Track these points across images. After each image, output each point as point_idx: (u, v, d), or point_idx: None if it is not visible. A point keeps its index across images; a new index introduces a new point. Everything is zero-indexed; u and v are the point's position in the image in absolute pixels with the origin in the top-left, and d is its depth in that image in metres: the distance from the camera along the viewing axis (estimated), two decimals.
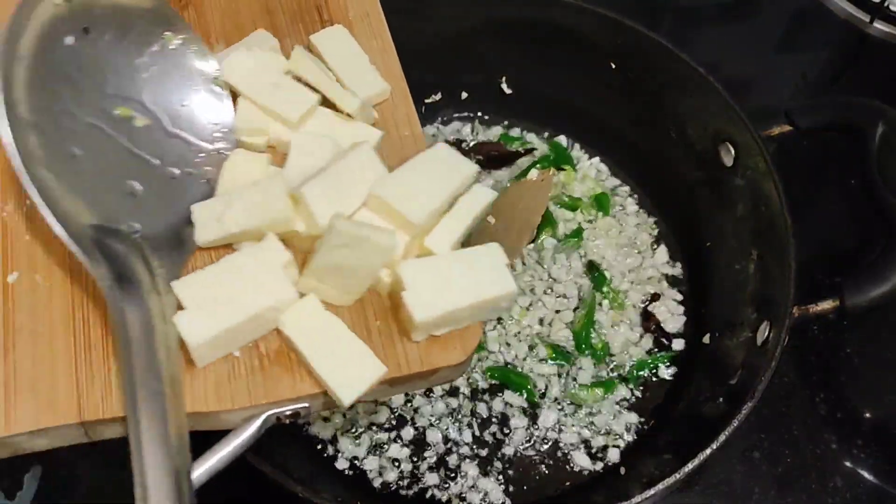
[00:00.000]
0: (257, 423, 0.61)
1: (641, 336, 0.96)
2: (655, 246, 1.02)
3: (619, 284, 0.98)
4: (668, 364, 0.94)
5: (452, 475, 0.87)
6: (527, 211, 0.99)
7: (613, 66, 1.01)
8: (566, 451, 0.89)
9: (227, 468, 0.74)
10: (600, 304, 0.96)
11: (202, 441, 0.60)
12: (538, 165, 1.06)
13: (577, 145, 1.10)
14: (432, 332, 0.63)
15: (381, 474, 0.87)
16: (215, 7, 0.81)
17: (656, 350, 0.95)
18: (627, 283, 0.99)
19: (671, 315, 0.97)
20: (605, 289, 0.97)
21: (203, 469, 0.59)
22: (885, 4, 1.22)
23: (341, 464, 0.87)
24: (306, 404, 0.62)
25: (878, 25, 1.24)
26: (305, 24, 0.81)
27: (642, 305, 0.97)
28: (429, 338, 0.64)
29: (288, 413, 0.62)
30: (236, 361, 0.63)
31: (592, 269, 0.98)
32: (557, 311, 0.96)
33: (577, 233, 1.01)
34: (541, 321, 0.95)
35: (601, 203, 1.03)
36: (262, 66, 0.72)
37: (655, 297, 0.98)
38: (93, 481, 0.88)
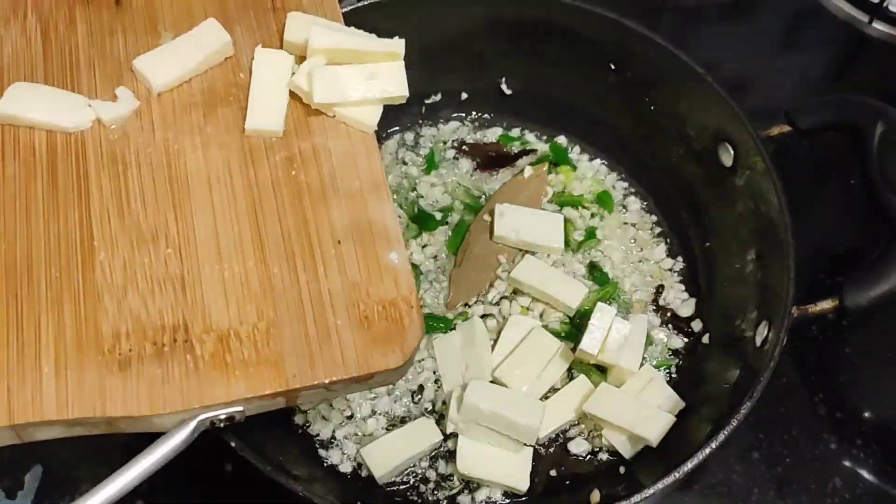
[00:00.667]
0: (190, 426, 0.61)
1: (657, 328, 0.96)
2: (655, 245, 1.02)
3: (623, 283, 0.98)
4: (671, 365, 0.94)
5: (450, 474, 0.87)
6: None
7: (613, 67, 1.01)
8: (566, 449, 0.89)
9: (226, 468, 0.74)
10: (607, 303, 0.95)
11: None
12: (532, 164, 1.06)
13: (576, 146, 1.10)
14: None
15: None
16: None
17: (673, 341, 0.95)
18: (630, 281, 0.99)
19: (681, 301, 0.98)
20: (608, 287, 0.97)
21: (135, 472, 0.59)
22: (884, 5, 1.22)
23: (343, 465, 0.87)
24: (241, 408, 0.62)
25: (877, 26, 1.24)
26: (256, 11, 0.81)
27: (651, 302, 0.98)
28: (367, 340, 0.64)
29: (222, 417, 0.62)
30: (170, 364, 0.62)
31: (594, 270, 0.98)
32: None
33: (591, 233, 1.01)
34: (541, 315, 0.95)
35: (603, 201, 1.03)
36: None
37: (660, 290, 0.98)
38: (93, 481, 0.88)
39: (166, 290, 0.66)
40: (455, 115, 1.11)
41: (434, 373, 0.91)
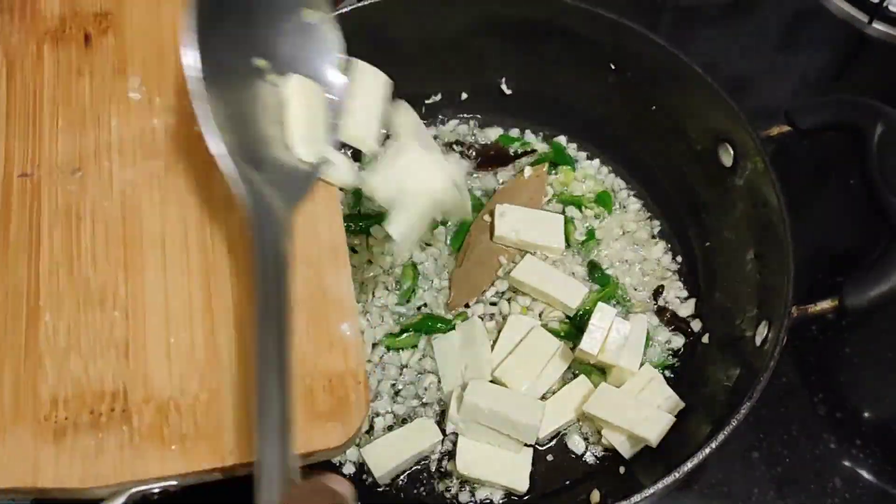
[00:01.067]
0: (120, 499, 0.60)
1: (657, 328, 0.96)
2: (655, 244, 1.02)
3: (623, 283, 0.98)
4: (671, 365, 0.94)
5: (450, 474, 0.87)
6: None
7: (613, 67, 1.01)
8: (565, 449, 0.89)
9: None
10: (608, 303, 0.95)
11: None
12: (531, 164, 1.06)
13: (576, 145, 1.10)
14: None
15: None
16: (136, 31, 0.78)
17: (670, 343, 0.95)
18: (630, 281, 0.99)
19: (680, 301, 0.98)
20: (608, 287, 0.97)
21: None
22: (884, 5, 1.22)
23: (346, 466, 0.87)
24: (174, 482, 0.61)
25: (877, 26, 1.24)
26: None
27: (651, 302, 0.98)
28: (309, 417, 0.63)
29: (156, 490, 0.61)
30: (106, 435, 0.61)
31: (594, 270, 0.99)
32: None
33: (592, 234, 1.01)
34: (541, 315, 0.95)
35: (603, 201, 1.04)
36: None
37: (660, 290, 0.98)
38: None
39: (109, 356, 0.64)
40: (455, 114, 1.11)
41: (434, 373, 0.91)
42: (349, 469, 0.87)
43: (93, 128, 0.74)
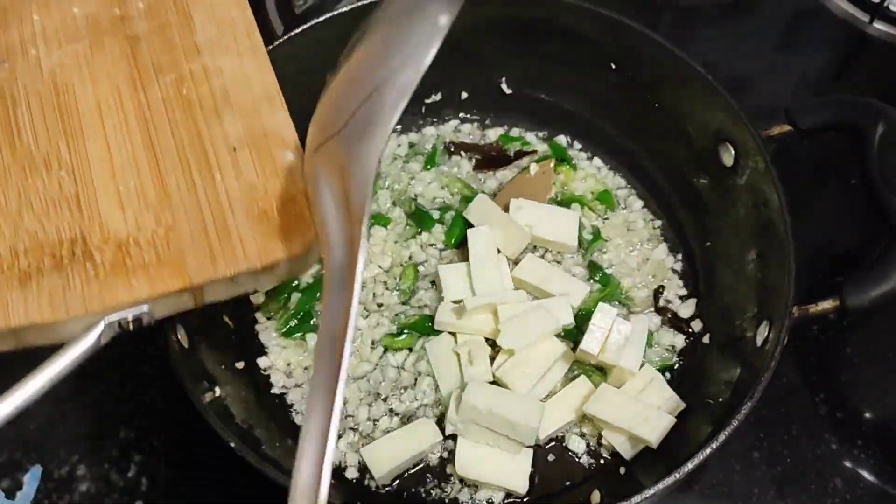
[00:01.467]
0: (97, 329, 0.63)
1: (658, 328, 0.96)
2: (656, 244, 1.02)
3: (623, 283, 0.98)
4: (671, 366, 0.94)
5: (450, 475, 0.87)
6: None
7: (613, 66, 1.01)
8: (566, 449, 0.89)
9: (226, 467, 0.74)
10: (608, 303, 0.95)
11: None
12: (537, 161, 1.06)
13: (576, 145, 1.10)
14: None
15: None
16: None
17: (673, 341, 0.95)
18: (631, 281, 0.98)
19: (681, 301, 0.98)
20: (609, 288, 0.97)
21: (45, 377, 0.60)
22: (885, 4, 1.22)
23: (348, 471, 0.87)
24: (145, 308, 0.64)
25: (878, 25, 1.24)
26: None
27: (652, 302, 0.97)
28: (267, 234, 0.67)
29: (130, 318, 0.64)
30: (70, 273, 0.64)
31: (595, 269, 0.98)
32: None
33: (598, 233, 1.01)
34: None
35: (605, 200, 1.03)
36: None
37: (660, 290, 0.98)
38: (93, 481, 0.88)
39: (62, 209, 0.68)
40: (455, 114, 1.11)
41: (430, 375, 0.91)
42: (352, 473, 0.86)
43: (16, 25, 0.78)
